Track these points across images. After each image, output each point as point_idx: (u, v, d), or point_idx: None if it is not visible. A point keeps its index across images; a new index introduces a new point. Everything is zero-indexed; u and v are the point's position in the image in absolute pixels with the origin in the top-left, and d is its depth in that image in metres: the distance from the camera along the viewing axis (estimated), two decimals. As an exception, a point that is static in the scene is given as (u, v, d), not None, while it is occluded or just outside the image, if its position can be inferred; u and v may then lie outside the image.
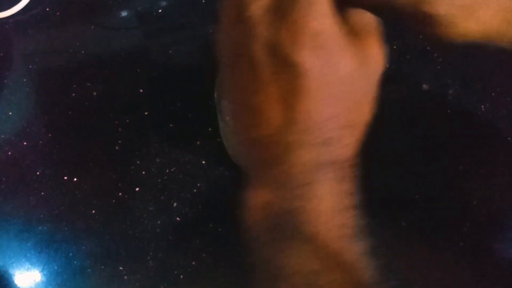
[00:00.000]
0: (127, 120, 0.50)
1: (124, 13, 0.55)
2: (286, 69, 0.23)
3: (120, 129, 0.49)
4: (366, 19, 0.27)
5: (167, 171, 0.48)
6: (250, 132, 0.26)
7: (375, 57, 0.26)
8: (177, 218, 0.46)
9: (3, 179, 0.48)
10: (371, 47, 0.26)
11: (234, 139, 0.39)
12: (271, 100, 0.24)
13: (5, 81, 0.52)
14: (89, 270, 0.44)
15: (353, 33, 0.25)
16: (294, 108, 0.24)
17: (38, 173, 0.48)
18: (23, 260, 0.45)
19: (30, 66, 0.53)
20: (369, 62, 0.26)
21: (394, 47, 0.52)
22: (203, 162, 0.44)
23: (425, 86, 0.50)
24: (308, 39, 0.23)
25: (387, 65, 0.26)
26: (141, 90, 0.51)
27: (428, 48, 0.52)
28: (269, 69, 0.24)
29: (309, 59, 0.23)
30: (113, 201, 0.47)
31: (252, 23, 0.24)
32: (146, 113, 0.50)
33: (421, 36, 0.50)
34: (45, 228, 0.46)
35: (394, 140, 0.48)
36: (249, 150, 0.27)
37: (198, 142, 0.48)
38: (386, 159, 0.48)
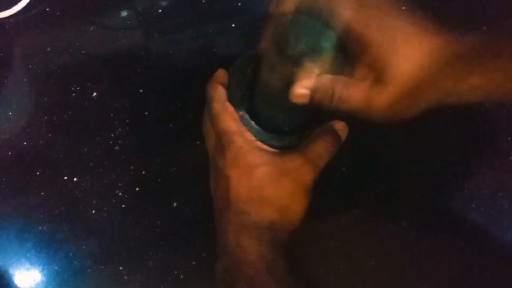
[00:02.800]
0: (127, 120, 0.50)
1: (124, 13, 0.55)
2: (219, 176, 0.39)
3: (120, 129, 0.49)
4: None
5: (167, 171, 0.48)
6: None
7: (297, 170, 0.37)
8: (177, 218, 0.46)
9: (3, 179, 0.48)
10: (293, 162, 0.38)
11: None
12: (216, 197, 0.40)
13: (5, 81, 0.52)
14: (89, 270, 0.44)
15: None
16: (225, 197, 0.38)
17: (38, 173, 0.48)
18: (23, 260, 0.45)
19: (30, 66, 0.53)
20: (290, 175, 0.37)
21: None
22: (203, 162, 0.44)
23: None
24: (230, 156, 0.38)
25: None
26: (141, 90, 0.51)
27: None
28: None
29: (231, 168, 0.37)
30: (113, 201, 0.47)
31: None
32: (146, 113, 0.50)
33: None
34: (45, 228, 0.46)
35: (393, 140, 0.48)
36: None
37: (198, 142, 0.48)
38: (385, 159, 0.48)
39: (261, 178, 0.37)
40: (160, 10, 0.55)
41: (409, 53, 0.31)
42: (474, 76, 0.31)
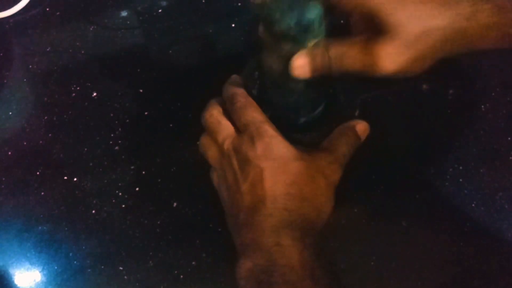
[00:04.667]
0: (127, 120, 0.50)
1: (124, 13, 0.55)
2: (248, 168, 0.35)
3: (120, 129, 0.49)
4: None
5: (167, 171, 0.48)
6: (231, 219, 0.37)
7: (328, 168, 0.36)
8: (177, 218, 0.46)
9: (3, 179, 0.48)
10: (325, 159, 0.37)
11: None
12: (240, 191, 0.35)
13: (5, 81, 0.52)
14: (89, 270, 0.44)
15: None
16: (257, 191, 0.34)
17: (38, 173, 0.48)
18: (23, 260, 0.45)
19: (30, 66, 0.53)
20: (322, 173, 0.36)
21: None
22: (203, 162, 0.44)
23: (425, 86, 0.50)
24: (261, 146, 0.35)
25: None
26: (141, 90, 0.51)
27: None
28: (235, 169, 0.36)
29: (263, 160, 0.35)
30: (113, 201, 0.47)
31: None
32: (146, 113, 0.50)
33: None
34: (45, 228, 0.46)
35: (394, 140, 0.48)
36: (233, 230, 0.36)
37: (198, 142, 0.48)
38: (386, 159, 0.48)
39: (297, 173, 0.35)
40: (160, 10, 0.55)
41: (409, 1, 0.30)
42: (481, 14, 0.29)
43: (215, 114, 0.38)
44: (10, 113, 0.51)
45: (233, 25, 0.54)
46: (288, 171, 0.35)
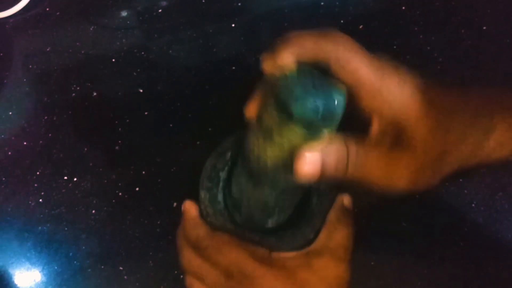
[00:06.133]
0: (127, 120, 0.50)
1: (124, 13, 0.55)
2: None
3: (120, 129, 0.49)
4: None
5: (167, 171, 0.48)
6: None
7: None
8: (177, 218, 0.46)
9: (3, 179, 0.48)
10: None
11: None
12: None
13: (5, 81, 0.52)
14: (89, 270, 0.44)
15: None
16: None
17: (38, 173, 0.48)
18: (23, 260, 0.45)
19: (30, 66, 0.53)
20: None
21: (394, 47, 0.52)
22: (203, 162, 0.44)
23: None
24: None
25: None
26: (141, 90, 0.51)
27: (428, 48, 0.52)
28: None
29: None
30: (113, 201, 0.47)
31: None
32: (146, 113, 0.50)
33: (421, 36, 0.51)
34: (45, 228, 0.46)
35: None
36: None
37: (198, 142, 0.48)
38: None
39: None
40: (160, 10, 0.55)
41: (431, 115, 0.26)
42: (497, 131, 0.27)
43: (192, 261, 0.34)
44: (10, 113, 0.51)
45: (233, 25, 0.54)
46: None
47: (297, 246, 0.34)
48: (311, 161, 0.26)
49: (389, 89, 0.26)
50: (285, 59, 0.26)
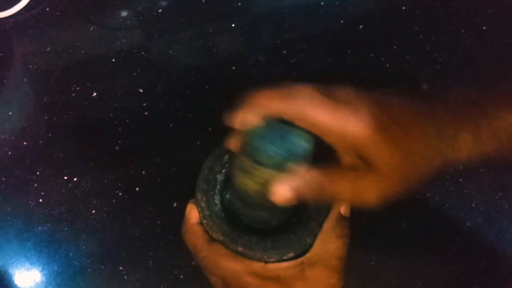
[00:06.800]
0: (127, 120, 0.50)
1: (124, 13, 0.55)
2: None
3: (120, 129, 0.49)
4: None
5: (167, 171, 0.48)
6: None
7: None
8: (177, 218, 0.46)
9: (3, 179, 0.48)
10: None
11: None
12: None
13: (5, 81, 0.52)
14: (89, 270, 0.44)
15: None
16: None
17: (38, 173, 0.48)
18: (23, 260, 0.45)
19: (30, 66, 0.53)
20: None
21: (394, 47, 0.52)
22: (203, 162, 0.44)
23: (425, 86, 0.50)
24: None
25: (387, 65, 0.29)
26: (141, 90, 0.51)
27: (428, 48, 0.52)
28: None
29: None
30: (113, 201, 0.47)
31: None
32: (146, 113, 0.50)
33: (421, 36, 0.51)
34: (45, 228, 0.46)
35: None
36: None
37: (198, 142, 0.48)
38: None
39: None
40: (160, 10, 0.55)
41: (387, 138, 0.29)
42: (462, 140, 0.30)
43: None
44: (10, 113, 0.51)
45: (233, 25, 0.54)
46: None
47: (292, 249, 0.35)
48: (281, 191, 0.30)
49: (341, 125, 0.29)
50: (251, 118, 0.30)
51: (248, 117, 0.30)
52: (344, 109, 0.29)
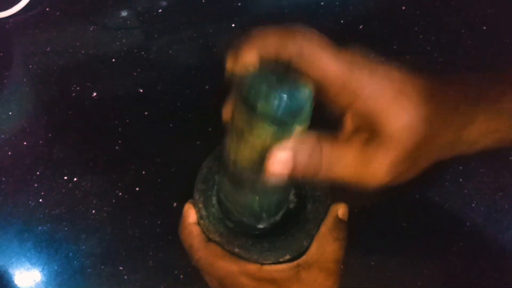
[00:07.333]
0: (127, 120, 0.50)
1: (124, 13, 0.55)
2: None
3: (120, 129, 0.49)
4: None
5: (167, 171, 0.48)
6: None
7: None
8: (177, 218, 0.46)
9: (3, 179, 0.48)
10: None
11: None
12: None
13: (5, 81, 0.52)
14: (89, 270, 0.44)
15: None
16: None
17: (38, 173, 0.48)
18: (23, 260, 0.45)
19: (30, 66, 0.53)
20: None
21: (394, 47, 0.52)
22: (203, 162, 0.44)
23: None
24: None
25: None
26: (141, 90, 0.51)
27: (428, 48, 0.52)
28: None
29: None
30: (113, 201, 0.47)
31: None
32: (146, 113, 0.50)
33: (421, 36, 0.51)
34: (45, 228, 0.46)
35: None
36: None
37: (198, 142, 0.48)
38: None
39: None
40: (160, 10, 0.55)
41: (405, 103, 0.25)
42: (479, 121, 0.26)
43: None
44: (10, 113, 0.51)
45: (233, 25, 0.54)
46: None
47: (288, 252, 0.35)
48: (281, 159, 0.25)
49: (358, 82, 0.25)
50: (248, 57, 0.26)
51: (243, 58, 0.26)
52: (361, 64, 0.25)
